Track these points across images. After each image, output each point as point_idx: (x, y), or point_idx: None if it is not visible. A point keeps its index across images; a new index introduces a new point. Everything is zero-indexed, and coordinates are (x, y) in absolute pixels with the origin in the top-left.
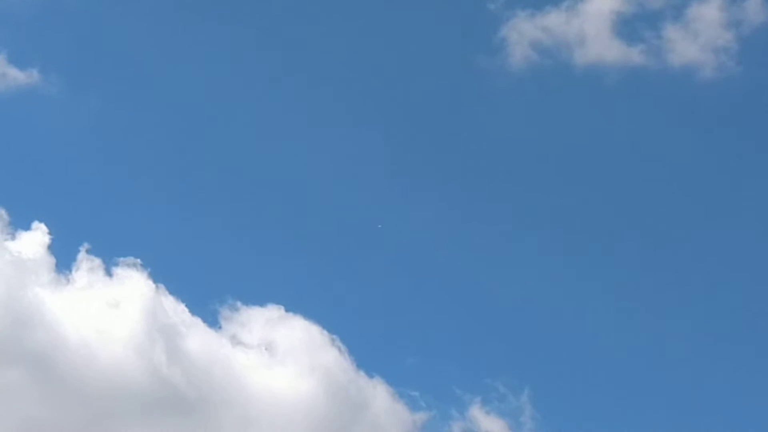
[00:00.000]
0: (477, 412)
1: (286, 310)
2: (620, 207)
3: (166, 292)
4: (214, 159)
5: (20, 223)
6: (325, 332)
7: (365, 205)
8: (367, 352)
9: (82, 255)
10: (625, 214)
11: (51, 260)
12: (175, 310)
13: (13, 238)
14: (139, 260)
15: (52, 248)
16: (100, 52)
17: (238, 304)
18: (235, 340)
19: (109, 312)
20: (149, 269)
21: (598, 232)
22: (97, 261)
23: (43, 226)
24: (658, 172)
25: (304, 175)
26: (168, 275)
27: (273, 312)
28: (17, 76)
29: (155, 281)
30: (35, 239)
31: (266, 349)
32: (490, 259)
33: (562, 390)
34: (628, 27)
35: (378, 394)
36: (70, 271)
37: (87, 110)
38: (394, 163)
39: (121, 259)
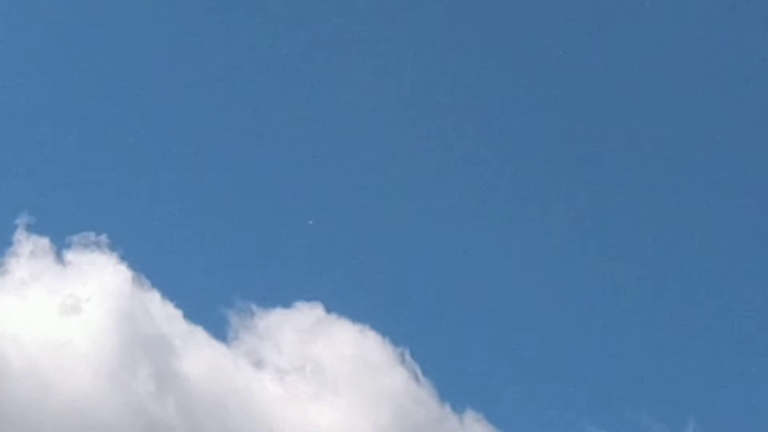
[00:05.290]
0: None
1: (327, 311)
2: None
3: (150, 286)
4: (210, 98)
5: None
6: (388, 343)
7: (443, 163)
8: (451, 375)
9: (20, 233)
10: None
11: None
12: (164, 313)
13: None
14: (104, 237)
15: None
16: None
17: (253, 306)
18: (256, 359)
19: (67, 318)
20: (120, 251)
21: None
22: (44, 241)
23: None
24: None
25: (358, 129)
26: (149, 261)
27: (307, 315)
28: None
29: (132, 269)
30: None
31: (303, 370)
32: (620, 245)
33: (739, 423)
34: None
35: None
36: (4, 257)
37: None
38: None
39: (77, 237)
